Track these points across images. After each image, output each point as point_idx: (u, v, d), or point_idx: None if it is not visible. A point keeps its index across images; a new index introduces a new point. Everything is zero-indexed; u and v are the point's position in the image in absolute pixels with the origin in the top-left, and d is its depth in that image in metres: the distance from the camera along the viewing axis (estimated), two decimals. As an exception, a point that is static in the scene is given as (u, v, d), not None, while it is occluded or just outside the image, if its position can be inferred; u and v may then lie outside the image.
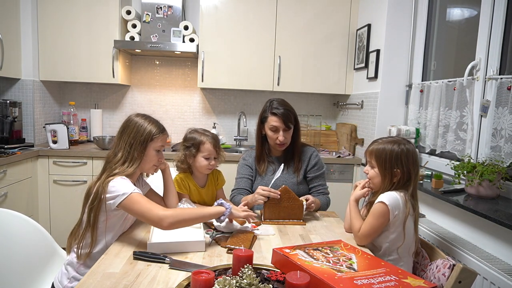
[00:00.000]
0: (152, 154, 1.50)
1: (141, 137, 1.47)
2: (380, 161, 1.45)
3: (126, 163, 1.44)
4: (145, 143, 1.47)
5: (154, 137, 1.48)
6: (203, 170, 1.78)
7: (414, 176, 1.45)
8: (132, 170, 1.44)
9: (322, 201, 1.90)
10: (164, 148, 1.58)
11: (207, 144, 1.73)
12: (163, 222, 1.29)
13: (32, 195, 2.80)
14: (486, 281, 1.52)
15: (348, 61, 3.21)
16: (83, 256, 1.38)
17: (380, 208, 1.40)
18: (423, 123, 2.46)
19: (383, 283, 0.97)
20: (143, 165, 1.51)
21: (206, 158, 1.74)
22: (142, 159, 1.49)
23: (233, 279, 0.90)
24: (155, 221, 1.30)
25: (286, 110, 1.84)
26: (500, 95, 1.78)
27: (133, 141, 1.46)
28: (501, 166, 1.72)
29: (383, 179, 1.46)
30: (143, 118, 1.51)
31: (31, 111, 3.00)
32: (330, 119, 3.65)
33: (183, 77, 3.54)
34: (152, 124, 1.51)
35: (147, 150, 1.49)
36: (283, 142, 1.85)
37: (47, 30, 3.01)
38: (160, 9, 3.12)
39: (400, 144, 1.45)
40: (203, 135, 1.75)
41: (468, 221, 1.81)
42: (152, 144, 1.49)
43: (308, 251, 1.16)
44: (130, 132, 1.47)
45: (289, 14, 3.12)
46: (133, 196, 1.34)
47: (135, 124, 1.49)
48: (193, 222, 1.39)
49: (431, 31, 2.55)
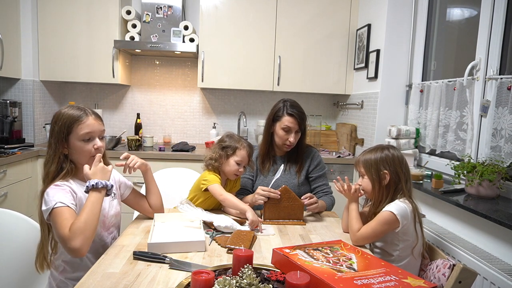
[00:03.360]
0: (79, 145, 1.32)
1: (58, 131, 1.31)
2: (368, 167, 1.51)
3: (48, 164, 1.32)
4: (64, 136, 1.31)
5: (71, 127, 1.31)
6: (230, 174, 1.77)
7: (403, 176, 1.48)
8: (54, 168, 1.31)
9: (328, 202, 1.90)
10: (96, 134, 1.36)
11: (243, 151, 1.75)
12: (81, 252, 1.17)
13: (32, 195, 2.80)
14: (486, 281, 1.52)
15: (348, 61, 3.21)
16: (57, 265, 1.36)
17: (388, 216, 1.40)
18: (423, 123, 2.46)
19: (383, 283, 0.97)
20: (76, 160, 1.36)
21: (238, 163, 1.74)
22: (73, 156, 1.34)
23: (233, 279, 0.90)
24: (70, 252, 1.18)
25: (301, 112, 1.86)
26: (500, 95, 1.78)
27: (51, 139, 1.32)
28: (501, 166, 1.72)
29: (373, 184, 1.49)
30: (65, 108, 1.35)
31: (31, 111, 3.00)
32: (330, 119, 3.65)
33: (183, 77, 3.54)
34: (70, 110, 1.33)
35: (71, 143, 1.32)
36: (293, 143, 1.86)
37: (47, 30, 3.01)
38: (160, 9, 3.12)
39: (384, 150, 1.51)
40: (242, 141, 1.78)
41: (468, 221, 1.81)
42: (73, 135, 1.32)
43: (308, 251, 1.16)
44: (51, 129, 1.34)
45: (289, 14, 3.12)
46: (54, 211, 1.22)
47: (53, 118, 1.35)
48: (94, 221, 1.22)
49: (431, 31, 2.55)
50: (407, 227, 1.42)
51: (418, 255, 1.47)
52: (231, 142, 1.76)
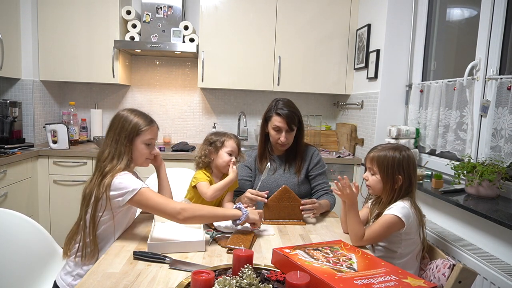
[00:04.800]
0: (141, 147, 1.47)
1: (127, 131, 1.43)
2: (382, 167, 1.46)
3: (115, 159, 1.40)
4: (131, 137, 1.44)
5: (140, 130, 1.45)
6: (223, 167, 1.77)
7: (414, 182, 1.48)
8: (123, 165, 1.40)
9: (331, 201, 1.89)
10: (155, 141, 1.55)
11: (231, 141, 1.79)
12: (180, 216, 1.32)
13: (32, 195, 2.80)
14: (486, 281, 1.52)
15: (348, 61, 3.21)
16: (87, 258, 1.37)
17: (393, 220, 1.40)
18: (423, 123, 2.46)
19: (383, 283, 0.97)
20: (134, 160, 1.48)
21: (229, 153, 1.77)
22: (133, 154, 1.45)
23: (233, 279, 0.90)
24: (172, 214, 1.32)
25: (290, 112, 1.83)
26: (500, 95, 1.78)
27: (119, 137, 1.42)
28: (501, 166, 1.72)
29: (384, 185, 1.47)
30: (129, 112, 1.48)
31: (31, 111, 3.00)
32: (330, 119, 3.65)
33: (183, 77, 3.54)
34: (138, 117, 1.47)
35: (135, 144, 1.45)
36: (285, 143, 1.86)
37: (47, 30, 3.01)
38: (160, 9, 3.12)
39: (401, 151, 1.47)
40: (227, 133, 1.84)
41: (468, 221, 1.81)
42: (140, 138, 1.46)
43: (308, 251, 1.16)
44: (116, 128, 1.44)
45: (289, 14, 3.12)
46: (145, 191, 1.34)
47: (120, 119, 1.45)
48: (208, 220, 1.43)
49: (431, 31, 2.55)
50: (411, 227, 1.42)
51: (419, 257, 1.47)
52: (218, 137, 1.81)
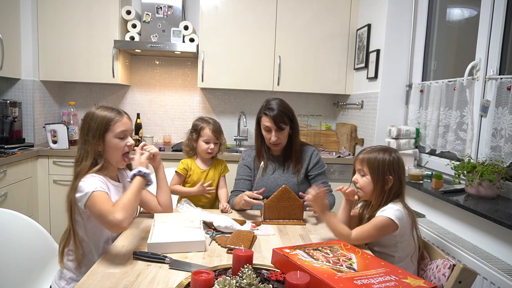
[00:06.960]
0: (114, 142, 1.40)
1: (94, 129, 1.37)
2: (373, 168, 1.47)
3: (83, 161, 1.36)
4: (101, 134, 1.38)
5: (109, 125, 1.39)
6: (203, 154, 1.98)
7: (404, 184, 1.49)
8: (89, 163, 1.35)
9: (330, 200, 1.90)
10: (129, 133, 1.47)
11: (206, 130, 1.93)
12: (123, 224, 1.20)
13: (32, 195, 2.80)
14: (486, 281, 1.52)
15: (348, 61, 3.21)
16: (77, 262, 1.37)
17: (385, 222, 1.39)
18: (423, 123, 2.46)
19: (383, 283, 0.97)
20: (109, 157, 1.42)
21: (206, 142, 1.94)
22: (108, 153, 1.41)
23: (233, 279, 0.90)
24: (112, 225, 1.20)
25: (279, 111, 1.83)
26: (500, 95, 1.78)
27: (87, 137, 1.37)
28: (501, 166, 1.72)
29: (375, 186, 1.47)
30: (96, 108, 1.42)
31: (31, 111, 3.00)
32: (330, 119, 3.65)
33: (183, 77, 3.54)
34: (105, 111, 1.41)
35: (108, 141, 1.39)
36: (276, 142, 1.87)
37: (47, 30, 3.01)
38: (160, 9, 3.12)
39: (391, 153, 1.48)
40: (205, 122, 1.96)
41: (468, 221, 1.81)
42: (111, 133, 1.39)
43: (308, 251, 1.16)
44: (83, 128, 1.40)
45: (289, 14, 3.12)
46: (94, 195, 1.25)
47: (87, 118, 1.41)
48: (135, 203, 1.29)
49: (431, 31, 2.55)
50: (404, 229, 1.41)
51: (415, 259, 1.47)
52: (196, 126, 1.97)
